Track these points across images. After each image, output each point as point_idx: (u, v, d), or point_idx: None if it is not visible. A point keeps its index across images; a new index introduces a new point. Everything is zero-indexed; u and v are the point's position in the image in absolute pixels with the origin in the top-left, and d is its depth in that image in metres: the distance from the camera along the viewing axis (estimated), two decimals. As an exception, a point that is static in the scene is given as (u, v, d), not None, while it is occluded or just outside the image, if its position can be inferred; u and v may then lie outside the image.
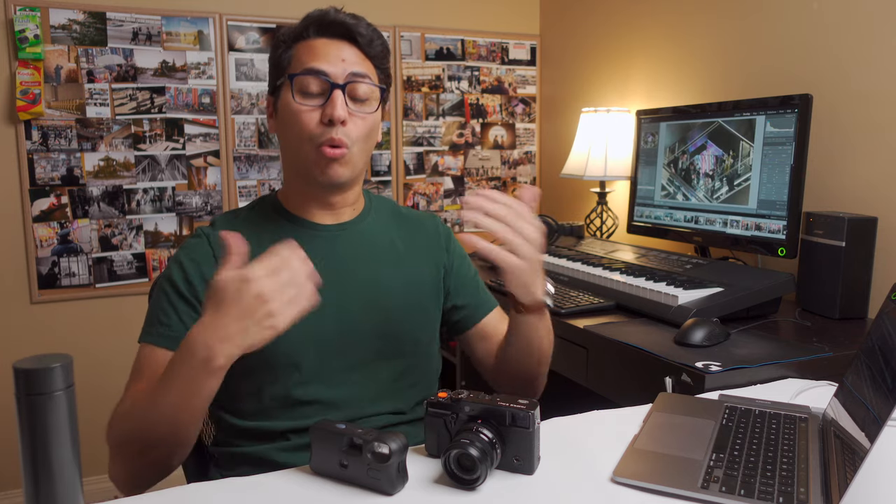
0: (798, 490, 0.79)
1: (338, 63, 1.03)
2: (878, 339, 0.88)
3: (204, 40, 2.47)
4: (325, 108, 1.02)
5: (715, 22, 2.08)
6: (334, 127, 1.01)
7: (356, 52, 1.05)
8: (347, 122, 1.02)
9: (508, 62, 2.95)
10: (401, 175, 2.82)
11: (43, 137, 2.30)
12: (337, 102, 1.01)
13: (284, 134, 1.08)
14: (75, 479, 0.61)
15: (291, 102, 1.03)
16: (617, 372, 1.39)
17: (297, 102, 1.03)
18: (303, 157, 1.05)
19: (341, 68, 1.03)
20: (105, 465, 1.04)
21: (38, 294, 2.34)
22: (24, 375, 0.59)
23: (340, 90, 1.02)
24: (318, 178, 1.05)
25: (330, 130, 1.02)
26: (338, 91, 1.02)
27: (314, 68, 1.02)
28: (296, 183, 1.11)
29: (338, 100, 1.01)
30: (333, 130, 1.01)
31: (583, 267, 1.84)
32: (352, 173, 1.06)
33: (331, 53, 1.03)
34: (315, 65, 1.02)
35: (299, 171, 1.08)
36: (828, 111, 1.70)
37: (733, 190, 1.76)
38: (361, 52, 1.06)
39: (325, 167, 1.03)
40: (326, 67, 1.02)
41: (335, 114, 1.00)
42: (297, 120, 1.03)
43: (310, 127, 1.03)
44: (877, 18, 1.61)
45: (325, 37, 1.05)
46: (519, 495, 0.81)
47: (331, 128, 1.02)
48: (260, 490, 0.83)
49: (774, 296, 1.53)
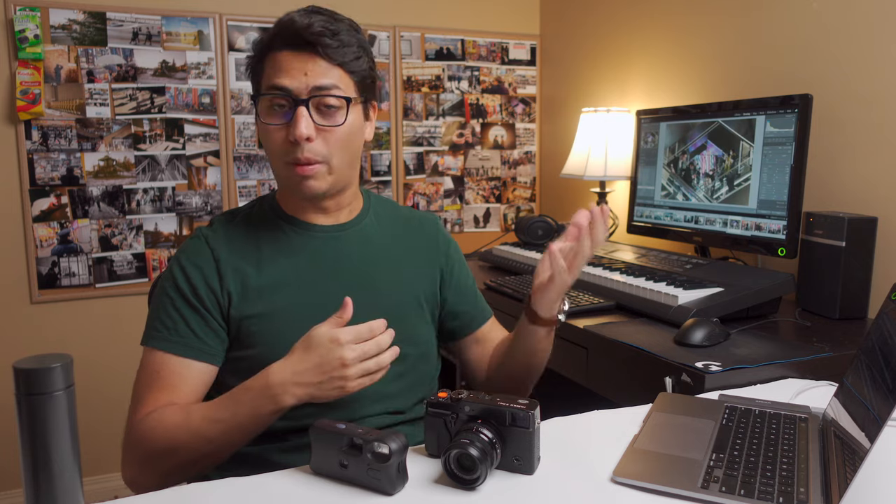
0: (798, 490, 0.79)
1: (300, 77, 1.00)
2: (878, 339, 0.88)
3: (204, 40, 2.47)
4: (289, 128, 1.01)
5: (715, 22, 2.08)
6: (300, 146, 1.00)
7: (321, 63, 1.01)
8: (314, 137, 1.01)
9: (508, 62, 2.95)
10: (401, 175, 2.82)
11: (43, 137, 2.30)
12: (300, 122, 0.99)
13: (264, 145, 1.08)
14: (75, 479, 0.61)
15: (259, 122, 1.04)
16: (617, 372, 1.39)
17: (264, 122, 1.03)
18: (279, 172, 1.06)
19: (304, 83, 1.00)
20: (105, 464, 1.04)
21: (38, 294, 2.34)
22: (24, 375, 0.59)
23: (304, 106, 1.00)
24: (296, 193, 1.07)
25: (296, 149, 1.01)
26: (301, 108, 0.99)
27: (276, 84, 1.00)
28: (286, 190, 1.12)
29: (301, 119, 0.99)
30: (299, 149, 1.01)
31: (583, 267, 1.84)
32: (330, 184, 1.06)
33: (293, 67, 1.00)
34: (277, 81, 1.00)
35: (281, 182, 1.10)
36: (828, 111, 1.70)
37: (733, 190, 1.76)
38: (327, 62, 1.01)
39: (298, 183, 1.04)
40: (288, 83, 1.00)
41: (297, 133, 0.99)
42: (267, 139, 1.04)
43: (278, 145, 1.03)
44: (877, 18, 1.61)
45: (290, 48, 1.01)
46: (519, 495, 0.81)
47: (296, 146, 1.01)
48: (260, 490, 0.83)
49: (774, 296, 1.53)
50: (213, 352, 1.04)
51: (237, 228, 1.11)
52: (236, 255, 1.07)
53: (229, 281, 1.05)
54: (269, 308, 1.05)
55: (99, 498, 2.38)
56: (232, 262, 1.06)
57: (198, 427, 0.94)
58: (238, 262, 1.06)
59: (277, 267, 1.07)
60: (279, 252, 1.09)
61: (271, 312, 1.05)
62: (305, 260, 1.09)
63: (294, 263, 1.08)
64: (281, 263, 1.08)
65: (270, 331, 1.04)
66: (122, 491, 2.42)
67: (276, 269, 1.07)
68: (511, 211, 3.02)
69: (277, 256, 1.08)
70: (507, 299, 1.76)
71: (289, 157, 1.02)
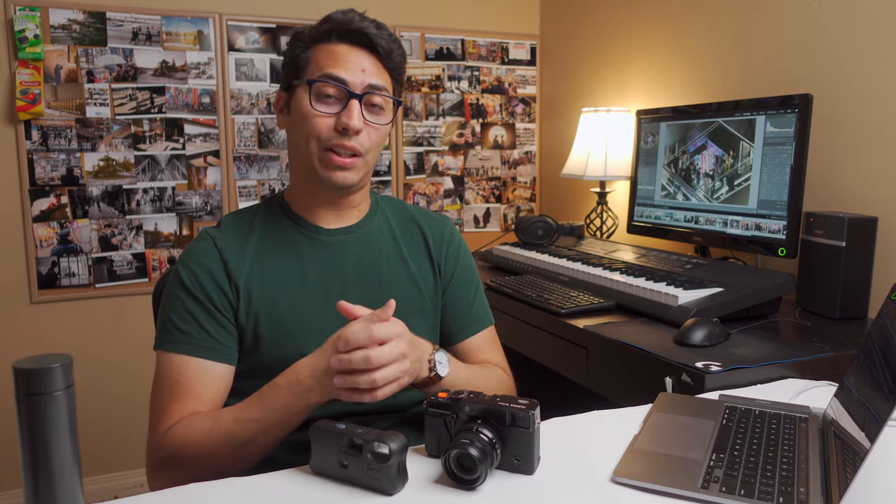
0: (798, 490, 0.79)
1: (357, 72, 1.03)
2: (879, 339, 0.88)
3: (204, 40, 2.47)
4: (340, 116, 1.03)
5: (715, 22, 2.08)
6: (348, 136, 1.03)
7: (375, 63, 1.05)
8: (362, 131, 1.04)
9: (508, 62, 2.95)
10: (401, 175, 2.82)
11: (43, 137, 2.30)
12: (353, 112, 1.02)
13: (294, 132, 1.08)
14: (75, 479, 0.61)
15: (307, 105, 1.04)
16: (617, 372, 1.39)
17: (314, 107, 1.03)
18: (310, 155, 1.05)
19: (360, 78, 1.03)
20: (105, 465, 1.05)
21: (38, 294, 2.34)
22: (24, 375, 0.59)
23: (357, 100, 1.03)
24: (322, 178, 1.06)
25: (342, 137, 1.03)
26: (354, 101, 1.03)
27: (333, 75, 1.03)
28: (302, 182, 1.11)
29: (354, 110, 1.02)
30: (347, 138, 1.03)
31: (583, 267, 1.84)
32: (360, 177, 1.08)
33: (350, 61, 1.04)
34: (334, 71, 1.03)
35: (305, 169, 1.08)
36: (828, 111, 1.70)
37: (733, 190, 1.76)
38: (380, 64, 1.06)
39: (332, 171, 1.04)
40: (345, 76, 1.03)
41: (350, 123, 1.02)
42: (310, 123, 1.04)
43: (322, 130, 1.03)
44: (877, 18, 1.61)
45: (347, 43, 1.05)
46: (519, 495, 0.81)
47: (344, 135, 1.03)
48: (260, 490, 0.83)
49: (774, 296, 1.53)
50: (229, 351, 1.04)
51: (245, 229, 1.10)
52: (244, 256, 1.07)
53: (237, 281, 1.05)
54: (276, 310, 1.05)
55: (99, 498, 2.38)
56: (240, 262, 1.06)
57: (230, 431, 0.94)
58: (246, 263, 1.06)
59: (285, 269, 1.07)
60: (286, 254, 1.09)
61: (278, 315, 1.05)
62: (313, 263, 1.09)
63: (301, 266, 1.08)
64: (288, 266, 1.08)
65: (277, 334, 1.04)
66: (122, 491, 2.43)
67: (284, 271, 1.07)
68: (511, 211, 3.02)
69: (285, 259, 1.08)
70: (507, 299, 1.76)
71: (332, 143, 1.03)
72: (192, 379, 1.01)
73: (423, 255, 1.18)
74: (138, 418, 1.34)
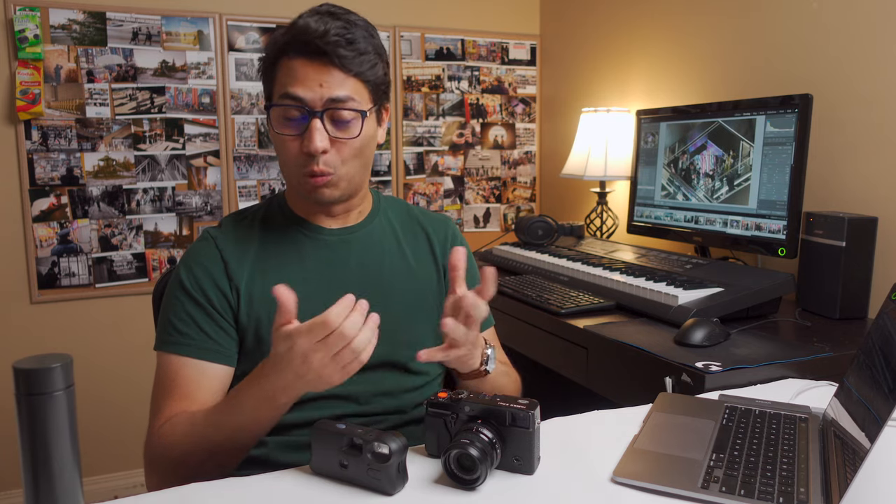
0: (798, 490, 0.79)
1: (315, 88, 0.97)
2: (879, 339, 0.88)
3: (204, 40, 2.47)
4: (303, 140, 0.99)
5: (715, 22, 2.08)
6: (313, 158, 1.00)
7: (337, 74, 0.98)
8: (329, 150, 1.00)
9: (508, 62, 2.95)
10: (401, 175, 2.82)
11: (43, 137, 2.30)
12: (314, 135, 0.97)
13: (277, 154, 1.07)
14: (75, 479, 0.61)
15: (273, 131, 1.03)
16: (617, 372, 1.39)
17: (278, 133, 1.01)
18: (291, 180, 1.06)
19: (319, 94, 0.98)
20: (105, 465, 1.05)
21: (38, 294, 2.34)
22: (24, 375, 0.59)
23: (318, 118, 0.98)
24: (308, 199, 1.07)
25: (310, 161, 1.00)
26: (315, 120, 0.98)
27: (290, 94, 0.98)
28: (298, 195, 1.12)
29: (315, 132, 0.97)
30: (313, 162, 1.00)
31: (583, 267, 1.84)
32: (343, 191, 1.06)
33: (308, 77, 0.97)
34: (292, 90, 0.98)
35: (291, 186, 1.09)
36: (828, 111, 1.70)
37: (733, 190, 1.76)
38: (343, 73, 0.98)
39: (311, 191, 1.04)
40: (303, 93, 0.97)
41: (311, 147, 0.98)
42: (280, 148, 1.03)
43: (292, 155, 1.02)
44: (877, 18, 1.61)
45: (304, 57, 0.98)
46: (519, 495, 0.81)
47: (310, 159, 1.00)
48: (260, 490, 0.83)
49: (774, 296, 1.53)
50: (228, 353, 1.03)
51: (246, 230, 1.10)
52: (245, 257, 1.07)
53: (238, 282, 1.04)
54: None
55: (99, 498, 2.38)
56: (241, 263, 1.06)
57: (202, 433, 0.93)
58: (247, 264, 1.06)
59: (286, 270, 1.07)
60: (288, 255, 1.08)
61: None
62: (314, 263, 1.09)
63: (303, 267, 1.08)
64: (290, 267, 1.08)
65: None
66: (122, 491, 2.43)
67: (285, 272, 1.07)
68: (511, 211, 3.02)
69: (286, 259, 1.08)
70: (508, 299, 1.76)
71: (304, 169, 1.01)
72: (189, 380, 1.00)
73: (427, 256, 1.18)
74: (138, 418, 1.34)
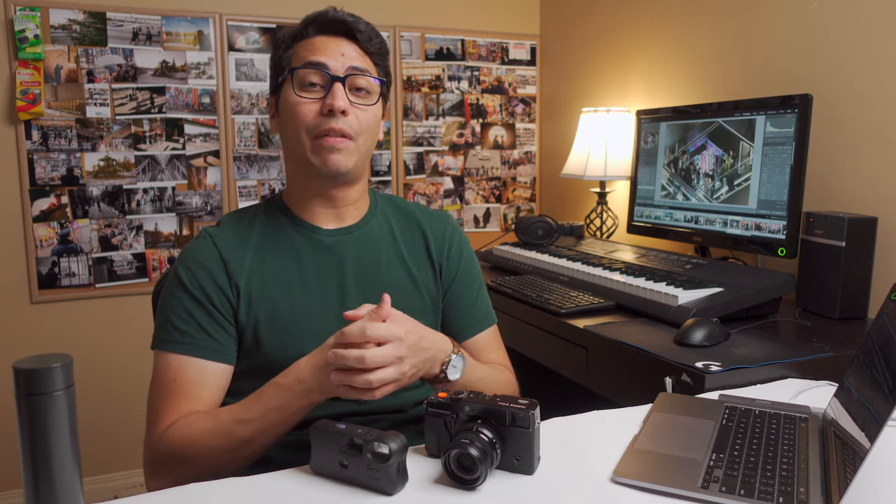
0: (798, 490, 0.79)
1: (337, 57, 1.05)
2: (879, 339, 0.88)
3: (204, 40, 2.47)
4: (325, 100, 1.03)
5: (715, 22, 2.08)
6: (335, 117, 1.03)
7: (355, 48, 1.07)
8: (349, 112, 1.04)
9: (508, 62, 2.95)
10: (401, 175, 2.82)
11: (43, 137, 2.30)
12: (337, 94, 1.03)
13: (285, 128, 1.08)
14: (75, 479, 0.61)
15: (292, 95, 1.05)
16: (617, 372, 1.39)
17: (298, 95, 1.04)
18: (301, 147, 1.05)
19: (341, 62, 1.05)
20: (105, 464, 1.05)
21: (38, 294, 2.34)
22: (24, 375, 0.59)
23: (341, 82, 1.04)
24: (317, 168, 1.05)
25: (330, 120, 1.03)
26: (338, 83, 1.04)
27: (314, 61, 1.04)
28: (297, 180, 1.11)
29: (338, 91, 1.03)
30: (334, 120, 1.03)
31: (583, 267, 1.84)
32: (353, 165, 1.06)
33: (330, 48, 1.06)
34: (315, 58, 1.05)
35: (299, 164, 1.08)
36: (828, 111, 1.70)
37: (733, 190, 1.76)
38: (360, 49, 1.08)
39: (325, 156, 1.04)
40: (326, 61, 1.04)
41: (335, 104, 1.02)
42: (297, 112, 1.04)
43: (309, 118, 1.04)
44: (877, 18, 1.61)
45: (325, 34, 1.07)
46: (519, 495, 0.81)
47: (331, 118, 1.03)
48: (260, 490, 0.83)
49: (774, 296, 1.53)
50: (228, 351, 1.04)
51: (245, 229, 1.10)
52: (244, 256, 1.07)
53: (238, 281, 1.04)
54: (276, 312, 1.05)
55: (99, 498, 2.38)
56: (240, 262, 1.06)
57: (229, 430, 0.94)
58: (246, 263, 1.06)
59: (285, 270, 1.07)
60: (286, 255, 1.08)
61: (278, 317, 1.05)
62: (312, 264, 1.09)
63: (301, 267, 1.08)
64: (288, 267, 1.08)
65: (277, 335, 1.04)
66: (122, 491, 2.43)
67: (284, 272, 1.07)
68: (511, 211, 3.03)
69: (284, 260, 1.08)
70: (508, 299, 1.76)
71: (320, 129, 1.03)
72: (190, 379, 1.00)
73: (423, 256, 1.17)
74: (138, 418, 1.34)
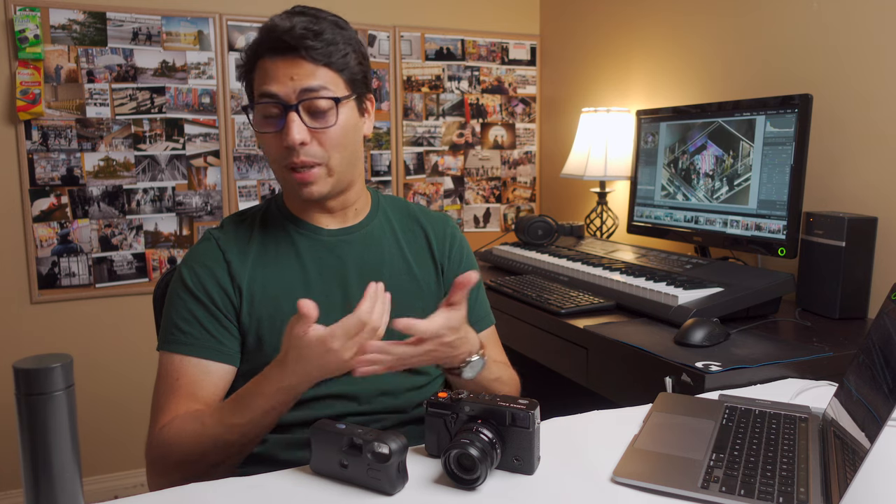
0: (798, 490, 0.79)
1: (287, 82, 0.99)
2: (879, 339, 0.88)
3: (204, 40, 2.47)
4: (282, 134, 1.01)
5: (715, 22, 2.08)
6: (295, 150, 1.01)
7: (306, 66, 1.00)
8: (308, 141, 1.01)
9: (508, 62, 2.95)
10: (401, 175, 2.82)
11: (43, 137, 2.30)
12: (292, 127, 0.99)
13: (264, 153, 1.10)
14: (75, 479, 0.61)
15: (255, 130, 1.05)
16: (617, 372, 1.39)
17: (259, 131, 1.04)
18: (279, 174, 1.07)
19: (291, 87, 0.99)
20: (105, 465, 1.05)
21: (38, 294, 2.34)
22: (24, 375, 0.59)
23: (294, 111, 0.99)
24: (298, 197, 1.07)
25: (291, 154, 1.01)
26: (291, 113, 0.99)
27: (265, 92, 1.00)
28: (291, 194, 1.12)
29: (292, 124, 0.99)
30: (295, 154, 1.01)
31: (583, 267, 1.84)
32: (331, 186, 1.06)
33: (280, 73, 0.99)
34: (266, 88, 1.00)
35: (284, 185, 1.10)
36: (828, 111, 1.70)
37: (733, 190, 1.76)
38: (312, 63, 1.00)
39: (299, 188, 1.04)
40: (276, 89, 0.99)
41: (289, 139, 0.99)
42: (264, 145, 1.05)
43: (274, 152, 1.03)
44: (877, 18, 1.61)
45: (274, 56, 1.00)
46: (519, 495, 0.81)
47: (293, 151, 1.01)
48: (260, 490, 0.83)
49: (774, 296, 1.53)
50: (230, 352, 1.04)
51: (246, 231, 1.11)
52: (246, 258, 1.07)
53: (240, 282, 1.05)
54: (279, 314, 1.05)
55: (99, 498, 2.38)
56: (243, 263, 1.06)
57: (214, 433, 0.94)
58: (248, 265, 1.06)
59: (287, 272, 1.07)
60: (288, 256, 1.09)
61: (281, 318, 1.04)
62: (314, 265, 1.09)
63: (303, 268, 1.08)
64: (290, 268, 1.08)
65: (280, 337, 1.04)
66: (122, 491, 2.43)
67: (286, 273, 1.07)
68: (511, 211, 3.02)
69: (286, 261, 1.08)
70: (507, 299, 1.76)
71: (286, 162, 1.02)
72: (192, 379, 1.01)
73: (426, 255, 1.18)
74: (138, 418, 1.34)
